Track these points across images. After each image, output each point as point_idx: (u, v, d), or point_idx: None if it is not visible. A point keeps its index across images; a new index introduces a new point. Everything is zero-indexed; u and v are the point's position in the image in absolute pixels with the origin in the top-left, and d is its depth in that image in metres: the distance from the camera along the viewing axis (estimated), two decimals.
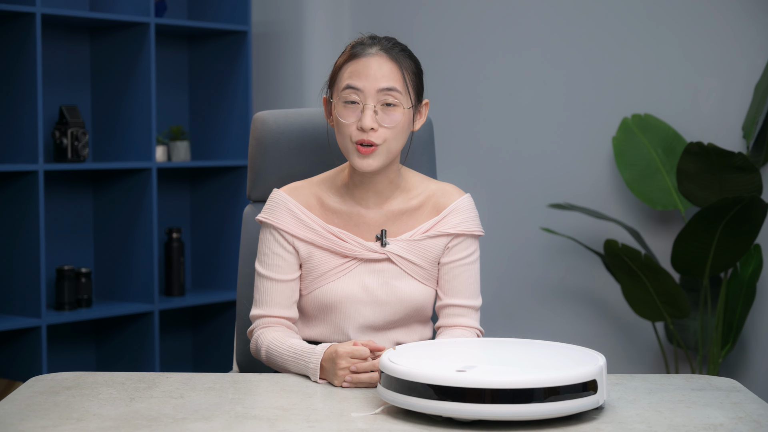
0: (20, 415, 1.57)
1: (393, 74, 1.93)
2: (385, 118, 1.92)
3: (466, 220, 2.03)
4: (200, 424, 1.52)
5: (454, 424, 1.52)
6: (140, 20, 3.74)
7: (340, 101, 1.94)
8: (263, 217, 2.02)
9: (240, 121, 4.06)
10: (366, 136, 1.91)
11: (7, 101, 3.57)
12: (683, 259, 3.09)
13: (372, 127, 1.91)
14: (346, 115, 1.93)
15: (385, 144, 1.92)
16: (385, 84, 1.92)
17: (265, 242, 2.01)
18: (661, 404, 1.63)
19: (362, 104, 1.92)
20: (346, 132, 1.94)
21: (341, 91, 1.94)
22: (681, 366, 3.45)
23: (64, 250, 3.89)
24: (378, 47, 1.95)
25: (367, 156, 1.92)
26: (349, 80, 1.93)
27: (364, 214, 2.01)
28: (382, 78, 1.92)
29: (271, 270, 2.00)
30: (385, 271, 2.00)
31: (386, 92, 1.92)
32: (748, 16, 3.31)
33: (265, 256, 2.01)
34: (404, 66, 1.95)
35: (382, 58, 1.94)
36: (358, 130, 1.92)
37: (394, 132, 1.93)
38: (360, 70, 1.93)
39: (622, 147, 3.44)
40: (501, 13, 3.82)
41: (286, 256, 2.00)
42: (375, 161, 1.93)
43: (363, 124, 1.91)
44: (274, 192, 2.03)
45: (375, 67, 1.93)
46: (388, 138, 1.93)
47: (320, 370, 1.81)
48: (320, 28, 4.14)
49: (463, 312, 2.03)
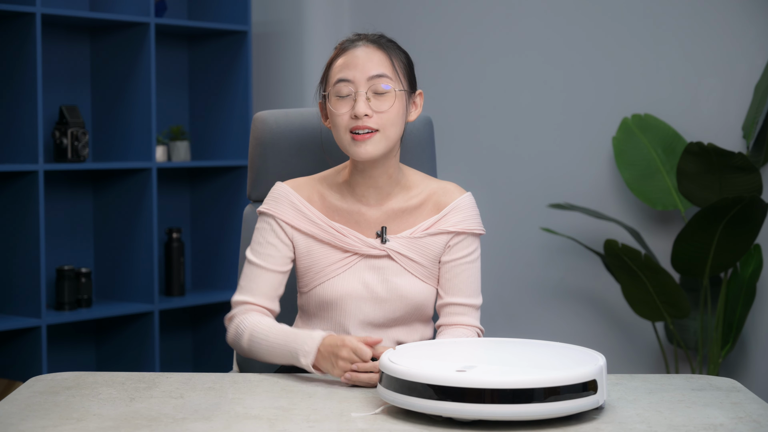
0: (20, 415, 1.57)
1: (382, 62, 1.95)
2: (378, 104, 1.93)
3: (467, 218, 2.04)
4: (200, 424, 1.52)
5: (454, 424, 1.52)
6: (140, 20, 3.74)
7: (333, 95, 1.95)
8: (264, 208, 2.02)
9: (240, 121, 4.06)
10: (361, 123, 1.92)
11: (7, 101, 3.57)
12: (683, 259, 3.09)
13: (366, 113, 1.92)
14: (339, 107, 1.95)
15: (382, 130, 1.93)
16: (374, 71, 1.94)
17: (261, 231, 2.01)
18: (661, 404, 1.63)
19: (354, 93, 1.93)
20: (340, 123, 1.94)
21: (333, 86, 1.96)
22: (681, 366, 3.45)
23: (64, 250, 3.89)
24: (365, 40, 1.98)
25: (363, 142, 1.93)
26: (339, 74, 1.95)
27: (365, 211, 2.01)
28: (372, 66, 1.94)
29: (261, 258, 2.00)
30: (385, 268, 2.00)
31: (376, 78, 1.94)
32: (748, 16, 3.31)
33: (259, 244, 2.01)
34: (392, 54, 1.97)
35: (369, 48, 1.96)
36: (351, 119, 1.93)
37: (390, 117, 1.94)
38: (349, 62, 1.95)
39: (622, 147, 3.44)
40: (501, 14, 3.82)
41: (280, 246, 2.00)
42: (373, 148, 1.93)
43: (356, 111, 1.92)
44: (277, 184, 2.04)
45: (363, 57, 1.95)
46: (385, 124, 1.94)
47: (316, 354, 1.81)
48: (320, 28, 4.14)
49: (464, 311, 2.03)
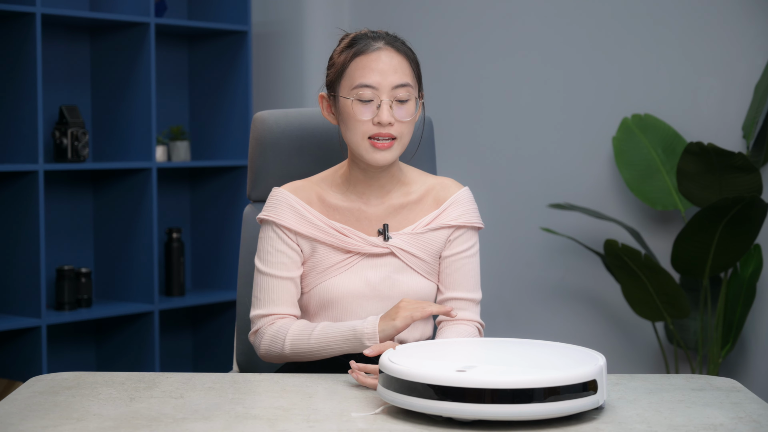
0: (20, 415, 1.57)
1: (403, 68, 1.95)
2: (400, 113, 1.94)
3: (467, 212, 2.04)
4: (200, 424, 1.52)
5: (454, 424, 1.52)
6: (140, 20, 3.74)
7: (353, 99, 1.94)
8: (265, 215, 2.00)
9: (240, 121, 4.06)
10: (383, 130, 1.93)
11: (7, 101, 3.58)
12: (683, 259, 3.09)
13: (390, 121, 1.92)
14: (361, 112, 1.94)
15: (400, 137, 1.95)
16: (399, 80, 1.94)
17: (267, 240, 2.00)
18: (661, 404, 1.63)
19: (378, 100, 1.93)
20: (359, 129, 1.94)
21: (353, 89, 1.94)
22: (681, 366, 3.45)
23: (64, 250, 3.89)
24: (383, 41, 1.96)
25: (383, 150, 1.94)
26: (361, 78, 1.94)
27: (366, 209, 2.01)
28: (395, 74, 1.94)
29: (274, 267, 1.98)
30: (387, 265, 2.00)
31: (400, 88, 1.94)
32: (748, 16, 3.31)
33: (268, 254, 1.99)
34: (410, 60, 1.98)
35: (390, 52, 1.95)
36: (374, 125, 1.93)
37: (409, 126, 1.96)
38: (372, 66, 1.94)
39: (622, 147, 3.44)
40: (501, 13, 3.82)
41: (289, 253, 1.99)
42: (391, 155, 1.95)
43: (381, 119, 1.92)
44: (275, 190, 2.02)
45: (386, 61, 1.94)
46: (403, 131, 1.95)
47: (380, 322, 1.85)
48: (320, 28, 4.14)
49: (464, 305, 2.03)
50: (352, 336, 1.88)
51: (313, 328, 1.93)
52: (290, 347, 1.93)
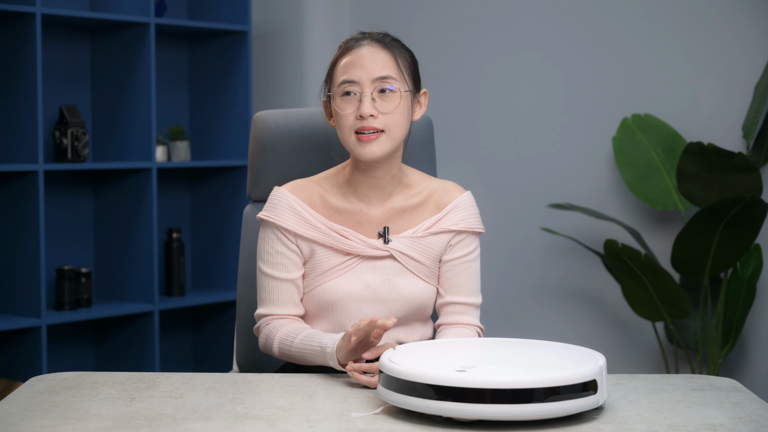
0: (20, 415, 1.57)
1: (387, 62, 1.95)
2: (383, 105, 1.93)
3: (468, 216, 2.04)
4: (200, 424, 1.52)
5: (454, 424, 1.52)
6: (140, 20, 3.74)
7: (338, 95, 1.95)
8: (265, 215, 2.00)
9: (240, 121, 4.06)
10: (366, 123, 1.92)
11: (7, 101, 3.58)
12: (683, 259, 3.09)
13: (371, 113, 1.91)
14: (344, 107, 1.94)
15: (387, 131, 1.93)
16: (379, 72, 1.93)
17: (267, 241, 2.00)
18: (661, 404, 1.63)
19: (359, 94, 1.93)
20: (345, 123, 1.94)
21: (338, 86, 1.95)
22: (681, 366, 3.45)
23: (64, 250, 3.89)
24: (369, 39, 1.97)
25: (369, 143, 1.92)
26: (344, 74, 1.94)
27: (367, 211, 2.01)
28: (376, 67, 1.93)
29: (275, 268, 1.99)
30: (387, 268, 2.00)
31: (382, 80, 1.93)
32: (748, 16, 3.31)
33: (269, 255, 1.99)
34: (397, 53, 1.97)
35: (374, 48, 1.96)
36: (357, 119, 1.93)
37: (395, 118, 1.94)
38: (354, 62, 1.94)
39: (622, 147, 3.44)
40: (501, 13, 3.82)
41: (290, 254, 1.99)
42: (378, 148, 1.93)
43: (362, 111, 1.91)
44: (276, 190, 2.02)
45: (368, 57, 1.94)
46: (390, 124, 1.93)
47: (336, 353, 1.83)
48: (320, 28, 4.14)
49: (464, 310, 2.03)
50: (321, 353, 1.87)
51: (296, 335, 1.93)
52: (278, 350, 1.96)
